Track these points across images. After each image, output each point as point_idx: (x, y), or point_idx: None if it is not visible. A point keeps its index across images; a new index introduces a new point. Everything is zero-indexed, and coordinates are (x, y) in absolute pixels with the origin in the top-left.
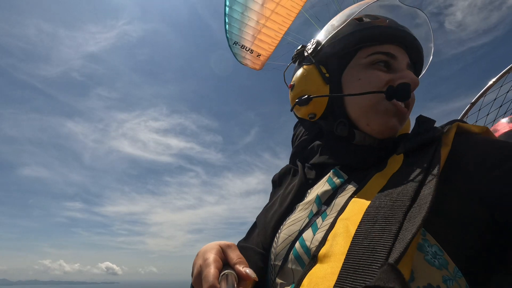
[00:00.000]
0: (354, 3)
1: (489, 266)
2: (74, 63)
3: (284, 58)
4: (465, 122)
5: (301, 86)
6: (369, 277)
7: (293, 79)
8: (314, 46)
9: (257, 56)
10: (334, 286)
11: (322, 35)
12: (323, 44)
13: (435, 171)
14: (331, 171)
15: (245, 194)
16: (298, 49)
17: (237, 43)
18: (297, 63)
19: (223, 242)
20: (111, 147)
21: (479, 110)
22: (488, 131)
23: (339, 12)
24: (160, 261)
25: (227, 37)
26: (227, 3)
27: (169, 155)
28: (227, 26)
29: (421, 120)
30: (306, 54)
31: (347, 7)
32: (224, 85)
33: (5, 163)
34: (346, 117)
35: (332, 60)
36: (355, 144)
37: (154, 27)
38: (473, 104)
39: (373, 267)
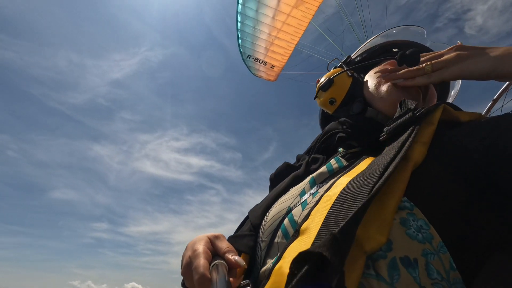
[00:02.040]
0: (364, 18)
1: (487, 244)
2: (100, 90)
3: (299, 68)
4: (453, 105)
5: (327, 77)
6: None
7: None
8: (345, 58)
9: (271, 67)
10: None
11: (354, 54)
12: (352, 57)
13: (405, 147)
14: (333, 158)
15: None
16: (332, 61)
17: (251, 56)
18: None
19: (211, 233)
20: (134, 168)
21: (502, 106)
22: (482, 117)
23: (350, 25)
24: None
25: (240, 52)
26: (239, 19)
27: (190, 174)
28: (240, 41)
29: (403, 103)
30: (338, 64)
31: (357, 20)
32: (241, 102)
33: (37, 186)
34: (364, 99)
35: (358, 64)
36: (365, 116)
37: (173, 51)
38: (495, 100)
39: None
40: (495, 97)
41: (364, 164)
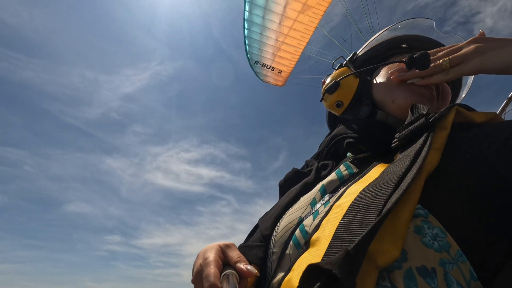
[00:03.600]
0: (372, 24)
1: (506, 252)
2: (112, 104)
3: (307, 73)
4: (466, 105)
5: (333, 78)
6: None
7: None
8: (350, 56)
9: (279, 72)
10: None
11: (360, 50)
12: (358, 54)
13: (422, 156)
14: (342, 164)
15: None
16: (337, 59)
17: (258, 62)
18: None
19: (222, 242)
20: (146, 180)
21: None
22: (497, 117)
23: (359, 32)
24: None
25: (247, 58)
26: (246, 26)
27: (201, 185)
28: (247, 47)
29: (414, 108)
30: (344, 62)
31: (365, 25)
32: (250, 112)
33: (52, 200)
34: (372, 101)
35: (365, 64)
36: (376, 120)
37: (183, 64)
38: (510, 99)
39: None
40: (510, 95)
41: (375, 171)
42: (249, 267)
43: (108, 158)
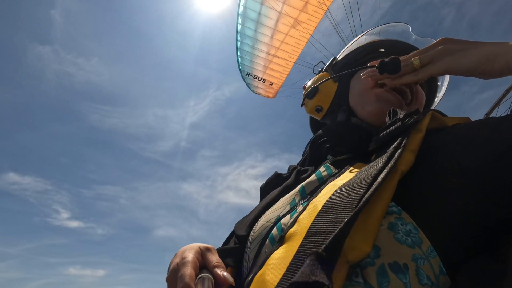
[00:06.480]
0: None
1: (474, 249)
2: (181, 135)
3: (298, 85)
4: (441, 112)
5: (313, 83)
6: None
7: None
8: (330, 60)
9: (270, 84)
10: (288, 267)
11: (339, 55)
12: (338, 59)
13: (395, 158)
14: (322, 166)
15: None
16: (317, 64)
17: (250, 74)
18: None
19: (203, 244)
20: (219, 200)
21: None
22: (469, 121)
23: (342, 43)
24: None
25: (239, 69)
26: (238, 38)
27: None
28: (239, 59)
29: (392, 112)
30: (324, 67)
31: (348, 36)
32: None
33: (144, 228)
34: (348, 107)
35: (344, 68)
36: (351, 123)
37: (237, 86)
38: (488, 114)
39: None
40: (488, 111)
41: (352, 171)
42: (226, 274)
43: (184, 183)
